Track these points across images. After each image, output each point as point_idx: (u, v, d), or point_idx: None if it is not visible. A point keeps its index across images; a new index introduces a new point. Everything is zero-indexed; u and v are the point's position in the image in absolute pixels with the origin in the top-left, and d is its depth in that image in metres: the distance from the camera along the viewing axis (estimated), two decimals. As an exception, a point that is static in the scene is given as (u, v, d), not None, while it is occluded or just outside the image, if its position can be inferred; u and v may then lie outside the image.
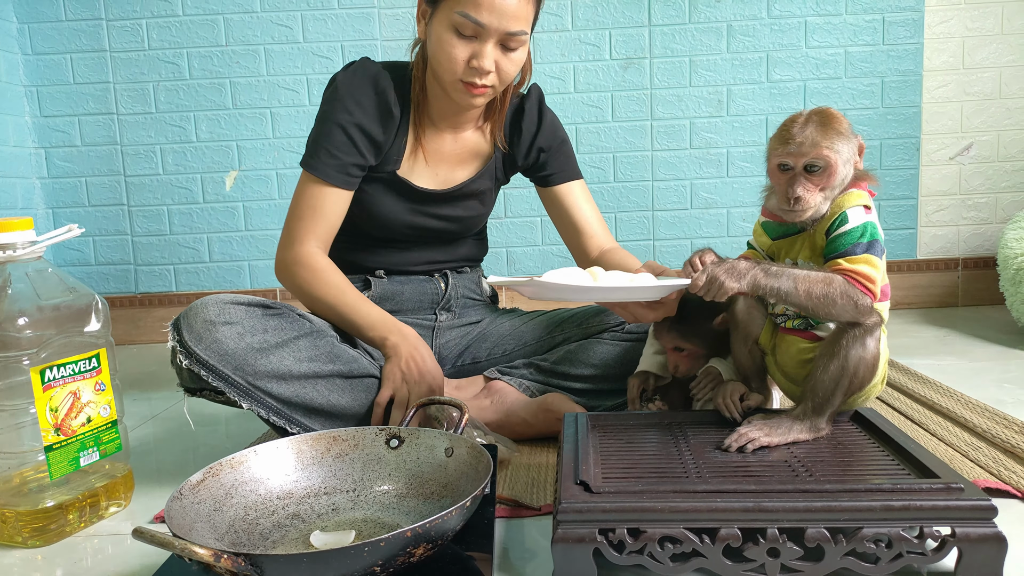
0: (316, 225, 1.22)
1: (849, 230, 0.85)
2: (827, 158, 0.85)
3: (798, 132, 0.86)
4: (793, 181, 0.87)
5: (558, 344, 1.34)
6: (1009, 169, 2.25)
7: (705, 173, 2.27)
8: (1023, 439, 1.10)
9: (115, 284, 2.34)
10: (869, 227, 0.85)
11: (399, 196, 1.30)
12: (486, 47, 1.13)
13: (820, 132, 0.86)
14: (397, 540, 0.65)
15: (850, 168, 0.88)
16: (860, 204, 0.86)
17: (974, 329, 1.97)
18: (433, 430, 0.91)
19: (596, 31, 2.22)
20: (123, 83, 2.25)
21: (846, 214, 0.86)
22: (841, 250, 0.85)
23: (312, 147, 1.23)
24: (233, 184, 2.29)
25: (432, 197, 1.32)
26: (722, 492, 0.77)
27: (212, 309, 1.07)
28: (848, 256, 0.85)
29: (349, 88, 1.23)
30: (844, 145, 0.86)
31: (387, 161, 1.28)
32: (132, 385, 1.79)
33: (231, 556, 0.60)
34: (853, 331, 0.87)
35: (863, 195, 0.87)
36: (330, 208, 1.23)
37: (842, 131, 0.87)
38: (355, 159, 1.23)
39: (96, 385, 1.00)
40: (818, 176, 0.86)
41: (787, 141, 0.87)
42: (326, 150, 1.22)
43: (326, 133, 1.22)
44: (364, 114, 1.22)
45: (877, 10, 2.18)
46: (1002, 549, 0.74)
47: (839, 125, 0.87)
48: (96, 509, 1.01)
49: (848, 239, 0.85)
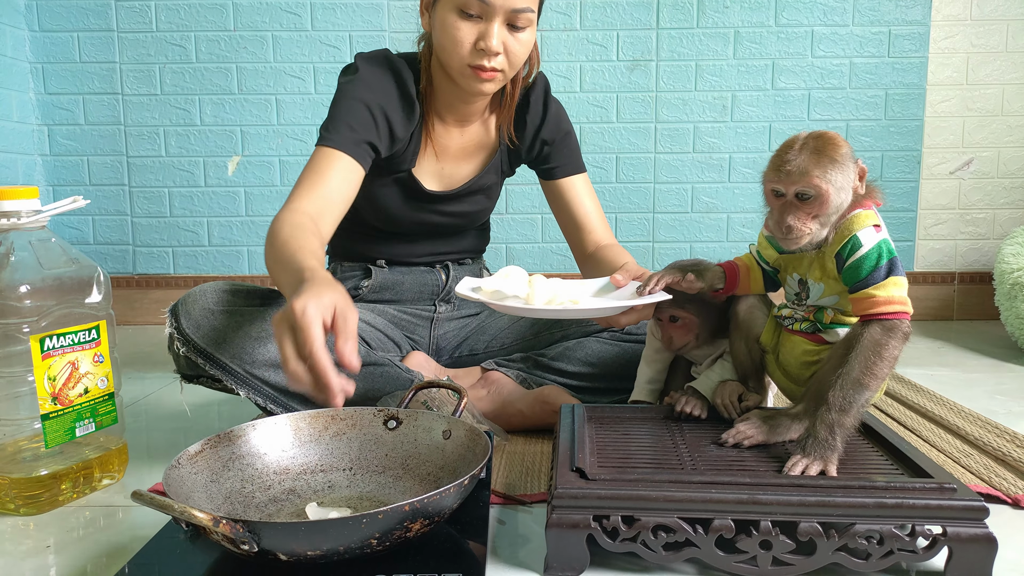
0: (312, 189, 1.09)
1: (865, 254, 0.83)
2: (818, 187, 0.82)
3: (791, 158, 0.83)
4: (785, 209, 0.85)
5: (556, 340, 1.34)
6: (1008, 186, 2.27)
7: (707, 177, 2.28)
8: (1014, 447, 1.11)
9: (113, 264, 2.33)
10: (884, 247, 0.83)
11: (408, 195, 1.29)
12: (492, 26, 1.10)
13: (812, 160, 0.82)
14: (395, 514, 0.65)
15: (847, 195, 0.85)
16: (869, 225, 0.84)
17: (968, 342, 1.98)
18: (432, 412, 0.92)
19: (604, 31, 2.22)
20: (129, 64, 2.24)
21: (857, 238, 0.83)
22: (863, 278, 0.83)
23: (328, 122, 1.16)
24: (235, 169, 2.29)
25: (439, 197, 1.31)
26: (717, 483, 0.78)
27: (211, 297, 1.07)
28: (875, 284, 0.82)
29: (372, 73, 1.19)
30: (838, 174, 0.83)
31: (403, 160, 1.25)
32: (127, 365, 1.79)
33: (230, 522, 0.61)
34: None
35: (871, 215, 0.85)
36: (334, 176, 1.11)
37: (837, 158, 0.83)
38: (372, 138, 1.16)
39: (95, 356, 1.00)
40: (810, 204, 0.84)
41: (779, 167, 0.84)
42: (345, 123, 1.14)
43: (346, 108, 1.16)
44: (388, 100, 1.19)
45: (884, 23, 2.20)
46: (992, 550, 0.74)
47: (834, 152, 0.83)
48: (89, 480, 1.01)
49: (867, 265, 0.83)
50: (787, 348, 0.94)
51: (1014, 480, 1.01)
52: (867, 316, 0.83)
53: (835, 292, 0.88)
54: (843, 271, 0.85)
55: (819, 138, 0.84)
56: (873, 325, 0.82)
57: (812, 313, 0.91)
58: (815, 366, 0.91)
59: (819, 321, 0.90)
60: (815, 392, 0.85)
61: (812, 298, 0.91)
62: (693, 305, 1.03)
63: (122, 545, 0.86)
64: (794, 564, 0.76)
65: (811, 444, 0.81)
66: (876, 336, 0.81)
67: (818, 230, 0.85)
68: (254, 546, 0.63)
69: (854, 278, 0.84)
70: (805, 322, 0.92)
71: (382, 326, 1.33)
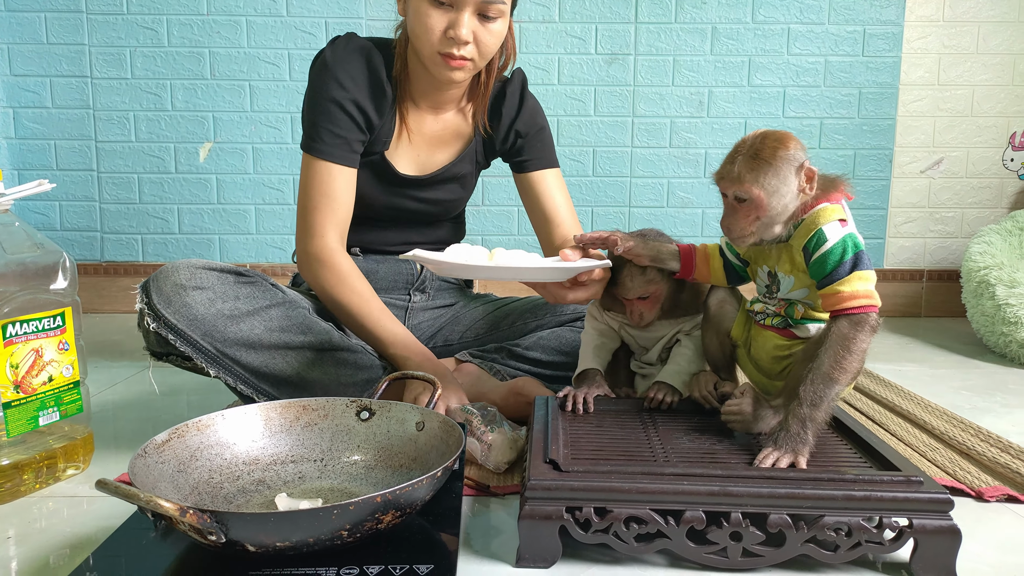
0: (332, 213, 1.19)
1: (830, 249, 0.83)
2: (750, 192, 0.83)
3: (729, 162, 0.86)
4: (727, 211, 0.87)
5: (531, 330, 1.34)
6: (976, 186, 2.31)
7: (683, 172, 2.29)
8: (978, 442, 1.13)
9: (80, 251, 2.29)
10: (849, 241, 0.83)
11: (380, 178, 1.29)
12: (463, 15, 1.11)
13: (747, 165, 0.83)
14: (366, 505, 0.65)
15: (789, 198, 0.85)
16: (835, 219, 0.84)
17: (936, 339, 2.01)
18: (405, 404, 0.91)
19: (582, 24, 2.22)
20: (98, 46, 2.19)
21: (823, 232, 0.84)
22: (828, 272, 0.83)
23: (311, 129, 1.19)
24: (207, 156, 2.25)
25: (413, 182, 1.31)
26: (688, 475, 0.78)
27: (183, 273, 1.05)
28: (839, 280, 0.83)
29: (340, 63, 1.19)
30: (772, 178, 0.83)
31: (376, 142, 1.25)
32: (95, 353, 1.76)
33: (197, 512, 0.60)
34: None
35: (837, 209, 0.85)
36: (342, 191, 1.20)
37: (773, 163, 0.83)
38: (357, 135, 1.20)
39: (59, 344, 0.98)
40: (747, 208, 0.85)
41: (720, 171, 0.86)
42: (328, 130, 1.18)
43: (323, 112, 1.18)
44: (358, 90, 1.19)
45: (858, 22, 2.22)
46: (956, 541, 0.76)
47: (771, 156, 0.83)
48: (53, 471, 0.98)
49: (832, 259, 0.83)
50: (759, 343, 0.95)
51: (978, 474, 1.03)
52: (835, 311, 0.83)
53: (805, 285, 0.89)
54: (810, 265, 0.86)
55: (763, 140, 0.85)
56: (841, 320, 0.83)
57: (783, 308, 0.92)
58: (786, 360, 0.92)
59: (790, 316, 0.91)
60: (791, 386, 0.86)
61: (783, 291, 0.92)
62: (661, 274, 1.02)
63: (86, 536, 0.85)
64: (763, 555, 0.77)
65: (783, 437, 0.81)
66: (844, 330, 0.82)
67: (763, 230, 0.86)
68: (222, 537, 0.62)
69: (820, 273, 0.85)
70: (776, 317, 0.92)
71: (356, 315, 1.32)
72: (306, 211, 1.19)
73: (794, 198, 0.85)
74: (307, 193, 1.20)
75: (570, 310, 1.32)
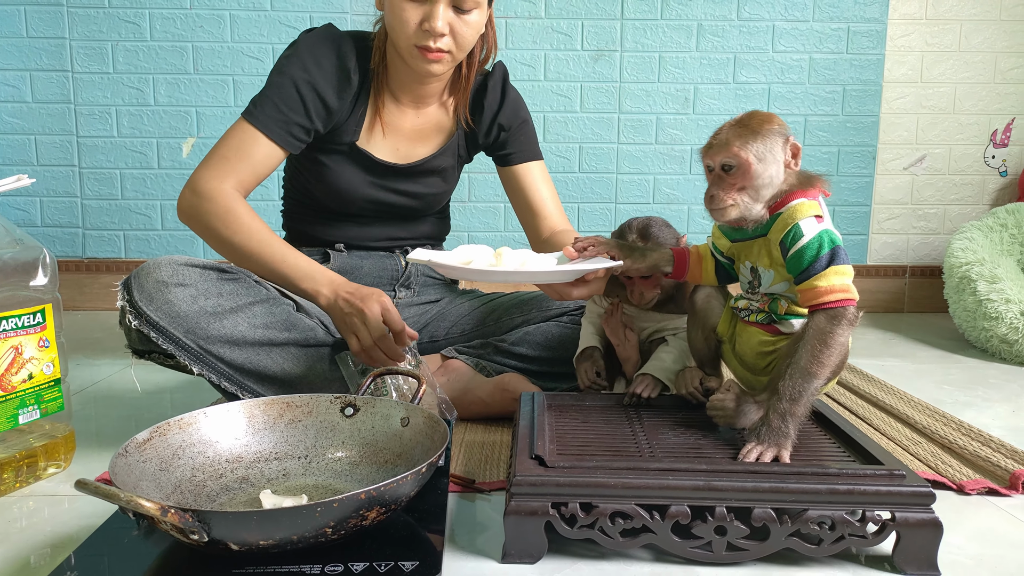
0: (239, 168, 1.14)
1: (806, 244, 0.84)
2: (738, 155, 0.85)
3: (716, 135, 0.88)
4: (712, 183, 0.88)
5: (516, 326, 1.34)
6: (958, 182, 2.33)
7: (668, 169, 2.29)
8: (960, 435, 1.15)
9: (62, 247, 2.26)
10: (825, 236, 0.84)
11: (358, 168, 1.28)
12: (437, 7, 1.11)
13: (735, 132, 0.86)
14: (350, 502, 0.64)
15: (776, 169, 0.86)
16: (811, 215, 0.85)
17: (918, 334, 2.03)
18: (390, 400, 0.90)
19: (568, 20, 2.22)
20: (80, 40, 2.17)
21: (799, 227, 0.85)
22: (804, 268, 0.84)
23: (256, 98, 1.18)
24: (190, 151, 2.23)
25: (393, 171, 1.30)
26: (673, 470, 0.78)
27: (165, 269, 1.04)
28: (815, 274, 0.84)
29: (310, 48, 1.20)
30: (759, 144, 0.85)
31: (344, 131, 1.25)
32: (77, 350, 1.74)
33: (178, 511, 0.59)
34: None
35: (813, 205, 0.86)
36: (259, 159, 1.16)
37: (760, 131, 0.85)
38: (301, 119, 1.18)
39: (40, 341, 0.97)
40: (734, 176, 0.86)
41: (708, 142, 0.89)
42: (272, 103, 1.17)
43: (276, 85, 1.18)
44: (321, 75, 1.19)
45: (843, 19, 2.23)
46: (937, 534, 0.77)
47: (758, 125, 0.86)
48: (34, 469, 0.97)
49: (808, 255, 0.84)
50: (743, 339, 0.95)
51: (959, 467, 1.04)
52: (813, 306, 0.84)
53: (785, 279, 0.90)
54: (787, 260, 0.87)
55: (750, 115, 0.88)
56: (818, 315, 0.84)
57: (767, 304, 0.92)
58: (771, 356, 0.93)
59: (774, 312, 0.92)
60: (774, 382, 0.87)
61: (764, 286, 0.93)
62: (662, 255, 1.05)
63: (68, 535, 0.84)
64: (748, 549, 0.77)
65: (765, 432, 0.82)
66: (821, 325, 0.83)
67: (747, 203, 0.87)
68: (204, 536, 0.61)
69: (797, 268, 0.86)
70: (760, 313, 0.93)
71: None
72: (211, 157, 1.15)
73: (780, 171, 0.87)
74: (222, 144, 1.16)
75: (556, 306, 1.33)
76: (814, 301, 0.84)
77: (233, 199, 1.13)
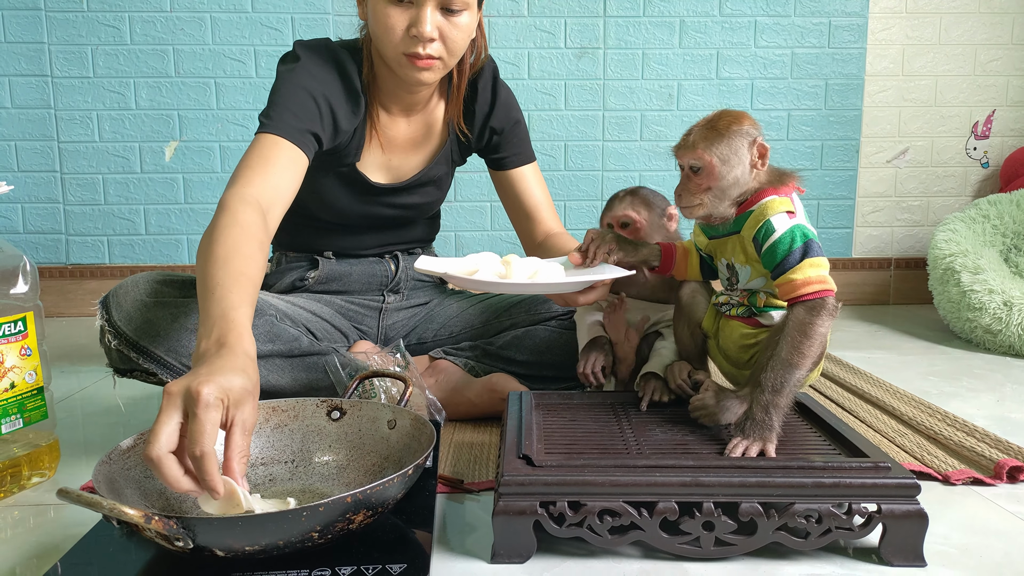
0: (265, 173, 1.03)
1: (778, 239, 0.85)
2: (702, 158, 0.87)
3: (686, 135, 0.90)
4: (681, 180, 0.91)
5: (505, 329, 1.34)
6: (941, 174, 2.35)
7: (654, 166, 2.30)
8: (945, 426, 1.15)
9: (44, 254, 2.24)
10: (797, 231, 0.85)
11: (354, 190, 1.26)
12: (424, 11, 1.06)
13: (700, 134, 0.88)
14: (336, 505, 0.64)
15: (741, 170, 0.87)
16: (783, 211, 0.86)
17: (903, 326, 2.05)
18: (376, 402, 0.90)
19: (552, 19, 2.22)
20: (59, 44, 2.15)
21: (771, 223, 0.86)
22: (778, 262, 0.85)
23: (268, 110, 1.10)
24: (173, 155, 2.22)
25: (387, 190, 1.28)
26: (661, 467, 0.79)
27: (143, 288, 1.03)
28: (790, 268, 0.85)
29: (315, 64, 1.14)
30: (724, 147, 0.87)
31: (347, 154, 1.21)
32: (61, 358, 1.72)
33: (162, 518, 0.59)
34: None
35: (785, 201, 0.87)
36: (282, 164, 1.05)
37: (726, 133, 0.87)
38: (316, 128, 1.11)
39: (22, 350, 0.96)
40: (701, 177, 0.88)
41: (678, 143, 0.91)
42: (289, 111, 1.09)
43: (290, 95, 1.10)
44: (333, 94, 1.14)
45: (824, 14, 2.24)
46: (923, 525, 0.77)
47: (724, 127, 0.87)
48: (18, 479, 0.96)
49: (780, 250, 0.85)
50: (726, 333, 0.96)
51: (944, 458, 1.05)
52: (791, 299, 0.85)
53: (762, 275, 0.91)
54: (761, 255, 0.88)
55: (719, 116, 0.89)
56: (797, 307, 0.84)
57: (746, 298, 0.93)
58: (753, 349, 0.93)
59: (753, 305, 0.92)
60: (755, 375, 0.87)
61: (742, 281, 0.94)
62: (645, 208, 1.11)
63: (53, 545, 0.83)
64: (736, 544, 0.78)
65: (749, 426, 0.82)
66: (800, 317, 0.83)
67: (713, 202, 0.89)
68: (189, 543, 0.61)
69: (771, 262, 0.87)
70: (740, 307, 0.94)
71: (328, 316, 1.30)
72: (235, 172, 1.03)
73: (746, 172, 0.88)
74: (246, 156, 1.05)
75: (544, 310, 1.32)
76: (792, 294, 0.85)
77: (244, 212, 0.93)
